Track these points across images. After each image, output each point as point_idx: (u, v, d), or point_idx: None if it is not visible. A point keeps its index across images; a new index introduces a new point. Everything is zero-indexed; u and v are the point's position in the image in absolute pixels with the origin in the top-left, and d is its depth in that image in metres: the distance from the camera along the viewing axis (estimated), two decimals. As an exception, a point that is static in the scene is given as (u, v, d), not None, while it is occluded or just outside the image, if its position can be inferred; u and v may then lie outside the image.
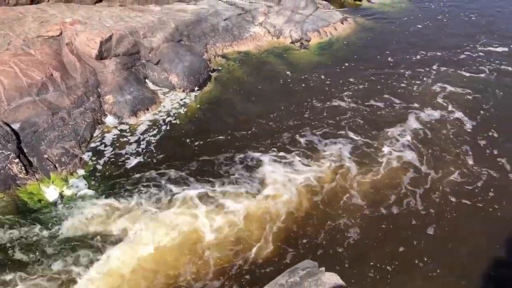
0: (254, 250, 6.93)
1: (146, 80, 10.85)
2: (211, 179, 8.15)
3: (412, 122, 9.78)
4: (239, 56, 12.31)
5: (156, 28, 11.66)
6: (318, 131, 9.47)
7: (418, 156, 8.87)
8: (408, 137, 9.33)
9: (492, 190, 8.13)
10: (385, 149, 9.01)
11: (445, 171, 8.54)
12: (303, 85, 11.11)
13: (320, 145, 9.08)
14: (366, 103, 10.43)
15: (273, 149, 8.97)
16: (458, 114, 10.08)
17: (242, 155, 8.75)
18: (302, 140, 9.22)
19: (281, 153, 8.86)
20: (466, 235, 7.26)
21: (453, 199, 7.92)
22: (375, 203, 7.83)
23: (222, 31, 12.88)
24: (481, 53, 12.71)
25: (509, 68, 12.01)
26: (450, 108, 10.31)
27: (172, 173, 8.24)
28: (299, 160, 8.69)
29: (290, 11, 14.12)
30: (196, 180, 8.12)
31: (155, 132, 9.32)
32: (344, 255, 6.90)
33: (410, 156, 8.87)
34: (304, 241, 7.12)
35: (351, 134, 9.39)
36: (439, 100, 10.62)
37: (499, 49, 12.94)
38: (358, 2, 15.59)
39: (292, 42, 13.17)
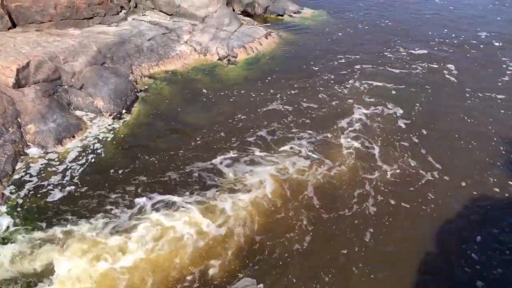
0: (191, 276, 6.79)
1: (70, 106, 10.41)
2: (141, 204, 7.93)
3: (348, 120, 10.13)
4: (166, 75, 12.19)
5: (77, 52, 11.28)
6: (265, 131, 9.54)
7: (357, 155, 9.18)
8: (351, 132, 9.64)
9: (429, 189, 8.57)
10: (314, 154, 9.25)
11: (382, 169, 8.89)
12: (234, 98, 11.18)
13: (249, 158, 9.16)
14: (301, 107, 10.69)
15: (208, 168, 8.90)
16: (387, 110, 10.59)
17: (176, 176, 8.59)
18: (240, 151, 9.24)
19: (214, 178, 8.81)
20: (402, 235, 7.56)
21: (391, 200, 8.24)
22: (314, 208, 7.96)
23: (147, 51, 12.70)
24: (399, 55, 13.48)
25: (426, 66, 12.83)
26: (377, 103, 10.81)
27: (99, 203, 7.91)
28: (235, 179, 8.69)
29: (215, 29, 14.22)
30: (125, 207, 7.85)
31: (82, 160, 8.92)
32: (283, 268, 6.93)
33: (352, 154, 9.16)
34: (244, 256, 7.07)
35: (267, 139, 9.56)
36: (366, 98, 11.11)
37: (417, 52, 13.80)
38: (280, 17, 16.03)
39: (219, 59, 13.26)
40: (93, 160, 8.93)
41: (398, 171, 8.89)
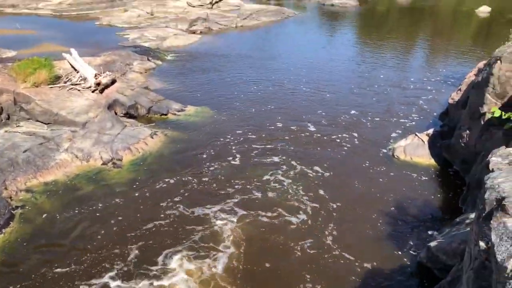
0: None
1: None
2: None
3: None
4: (46, 187, 11.46)
5: None
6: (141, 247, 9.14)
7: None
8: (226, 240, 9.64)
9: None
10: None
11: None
12: (118, 205, 10.79)
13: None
14: (186, 212, 10.59)
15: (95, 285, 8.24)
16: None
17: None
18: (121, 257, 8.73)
19: None
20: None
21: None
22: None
23: (23, 163, 11.95)
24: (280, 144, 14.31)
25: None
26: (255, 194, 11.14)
27: None
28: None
29: (97, 133, 13.97)
30: None
31: None
32: None
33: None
34: None
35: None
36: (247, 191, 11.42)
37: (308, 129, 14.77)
38: (164, 116, 16.32)
39: (103, 163, 12.88)
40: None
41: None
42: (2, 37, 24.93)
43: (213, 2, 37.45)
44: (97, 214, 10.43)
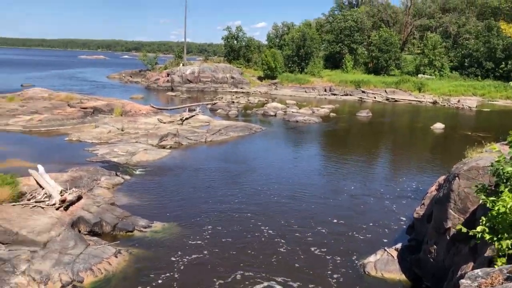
0: None
1: None
2: None
3: None
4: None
5: None
6: None
7: None
8: None
9: None
10: None
11: None
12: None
13: None
14: None
15: None
16: None
17: None
18: None
19: None
20: None
21: None
22: None
23: (-27, 289, 11.10)
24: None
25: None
26: None
27: None
28: None
29: (58, 253, 13.34)
30: None
31: None
32: None
33: None
34: None
35: None
36: None
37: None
38: (130, 233, 15.89)
39: (62, 286, 12.15)
40: None
41: None
42: (-33, 152, 24.65)
43: (184, 118, 38.88)
44: None
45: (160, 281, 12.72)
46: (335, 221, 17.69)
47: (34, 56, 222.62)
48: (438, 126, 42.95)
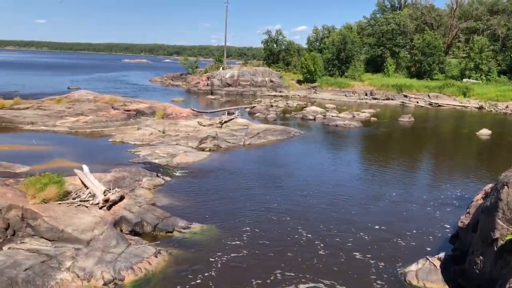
0: None
1: None
2: None
3: None
4: (42, 309, 10.95)
5: None
6: None
7: None
8: None
9: None
10: None
11: None
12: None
13: None
14: None
15: None
16: None
17: None
18: None
19: None
20: None
21: None
22: None
23: (22, 283, 11.57)
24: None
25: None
26: None
27: None
28: None
29: (101, 251, 13.72)
30: None
31: None
32: None
33: None
34: None
35: None
36: None
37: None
38: (170, 234, 16.13)
39: (104, 284, 12.46)
40: None
41: None
42: (18, 152, 25.77)
43: (223, 121, 39.22)
44: None
45: (198, 281, 12.83)
46: (376, 227, 17.33)
47: (80, 60, 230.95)
48: (484, 132, 41.35)
